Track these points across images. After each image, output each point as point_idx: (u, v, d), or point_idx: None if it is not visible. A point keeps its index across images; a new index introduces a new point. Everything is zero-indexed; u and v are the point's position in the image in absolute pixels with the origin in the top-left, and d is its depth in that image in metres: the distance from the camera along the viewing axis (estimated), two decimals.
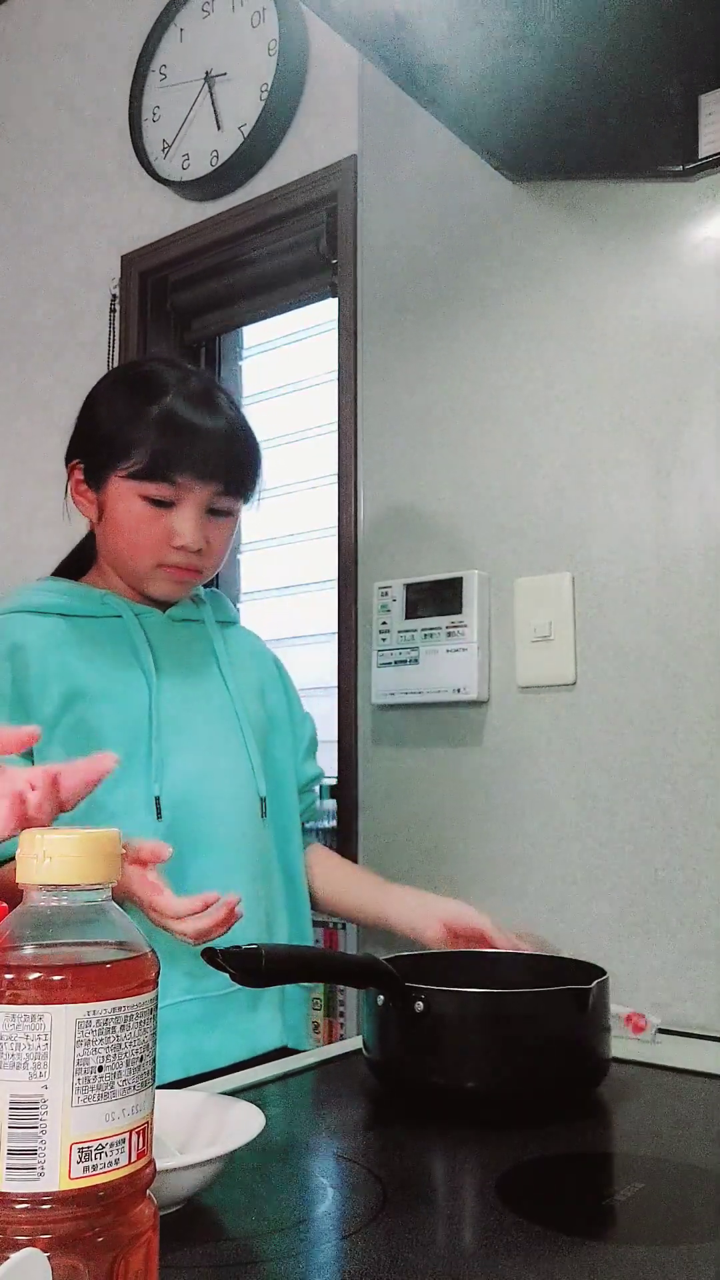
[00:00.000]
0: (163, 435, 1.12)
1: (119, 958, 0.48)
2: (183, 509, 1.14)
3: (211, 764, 1.16)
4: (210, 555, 1.18)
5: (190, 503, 1.14)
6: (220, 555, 1.21)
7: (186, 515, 1.14)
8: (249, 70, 1.78)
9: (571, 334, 1.37)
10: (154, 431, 1.12)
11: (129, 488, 1.14)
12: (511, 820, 1.37)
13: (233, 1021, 1.12)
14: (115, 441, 1.14)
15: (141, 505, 1.14)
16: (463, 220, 1.49)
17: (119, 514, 1.15)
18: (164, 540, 1.15)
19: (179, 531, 1.14)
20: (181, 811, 1.12)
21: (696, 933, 1.22)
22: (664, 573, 1.28)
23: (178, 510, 1.14)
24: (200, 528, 1.15)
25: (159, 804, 1.10)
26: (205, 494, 1.15)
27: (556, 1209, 0.69)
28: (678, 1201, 0.71)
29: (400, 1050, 0.91)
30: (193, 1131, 0.74)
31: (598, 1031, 0.93)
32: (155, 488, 1.13)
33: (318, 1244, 0.64)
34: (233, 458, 1.16)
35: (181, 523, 1.14)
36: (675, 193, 1.30)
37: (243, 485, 1.18)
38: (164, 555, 1.16)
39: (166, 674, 1.17)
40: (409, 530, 1.50)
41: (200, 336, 1.96)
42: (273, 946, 0.84)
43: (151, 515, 1.14)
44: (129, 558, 1.17)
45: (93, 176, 2.08)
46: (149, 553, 1.16)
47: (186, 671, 1.19)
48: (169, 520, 1.14)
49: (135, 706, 1.13)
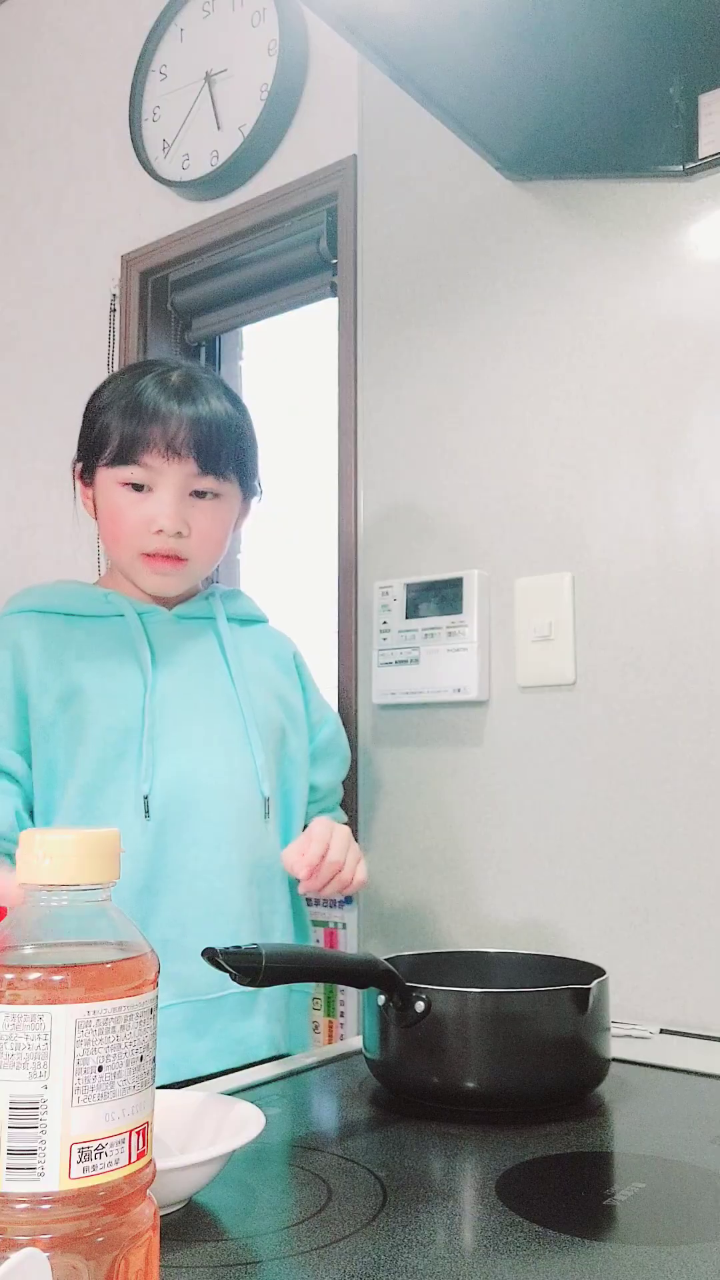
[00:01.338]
0: (128, 419, 1.14)
1: (119, 958, 0.48)
2: (159, 493, 1.14)
3: (207, 763, 1.15)
4: (197, 540, 1.17)
5: (165, 485, 1.14)
6: (211, 540, 1.19)
7: (162, 498, 1.14)
8: (249, 70, 1.78)
9: (571, 333, 1.37)
10: (122, 417, 1.14)
11: (109, 477, 1.16)
12: (511, 820, 1.37)
13: (223, 1028, 1.11)
14: (96, 434, 1.17)
15: (121, 492, 1.15)
16: (463, 220, 1.49)
17: (105, 505, 1.17)
18: (143, 527, 1.15)
19: (155, 515, 1.14)
20: (172, 810, 1.11)
21: (696, 933, 1.22)
22: (664, 573, 1.28)
23: (155, 495, 1.15)
24: (177, 510, 1.14)
25: (148, 803, 1.10)
26: (180, 475, 1.14)
27: (556, 1209, 0.69)
28: (678, 1201, 0.71)
29: (400, 1050, 0.91)
30: (193, 1131, 0.74)
31: (598, 1031, 0.93)
32: (128, 471, 1.14)
33: (318, 1244, 0.64)
34: (203, 436, 1.15)
35: (157, 505, 1.14)
36: (675, 193, 1.30)
37: (218, 463, 1.16)
38: (144, 542, 1.15)
39: (166, 672, 1.16)
40: (409, 530, 1.50)
41: (200, 336, 1.96)
42: (273, 946, 0.84)
43: (130, 501, 1.15)
44: (114, 548, 1.18)
45: (93, 176, 2.08)
46: (130, 540, 1.16)
47: (189, 670, 1.19)
48: (147, 506, 1.15)
49: (129, 705, 1.12)
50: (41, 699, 1.10)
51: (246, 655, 1.25)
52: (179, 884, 1.10)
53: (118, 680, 1.13)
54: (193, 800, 1.13)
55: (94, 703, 1.11)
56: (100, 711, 1.11)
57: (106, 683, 1.13)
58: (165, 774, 1.12)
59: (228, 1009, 1.11)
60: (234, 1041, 1.11)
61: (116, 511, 1.16)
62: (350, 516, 1.58)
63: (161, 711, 1.14)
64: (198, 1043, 1.08)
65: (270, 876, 1.18)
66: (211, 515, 1.18)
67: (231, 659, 1.22)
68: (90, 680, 1.12)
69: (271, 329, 1.91)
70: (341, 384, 1.61)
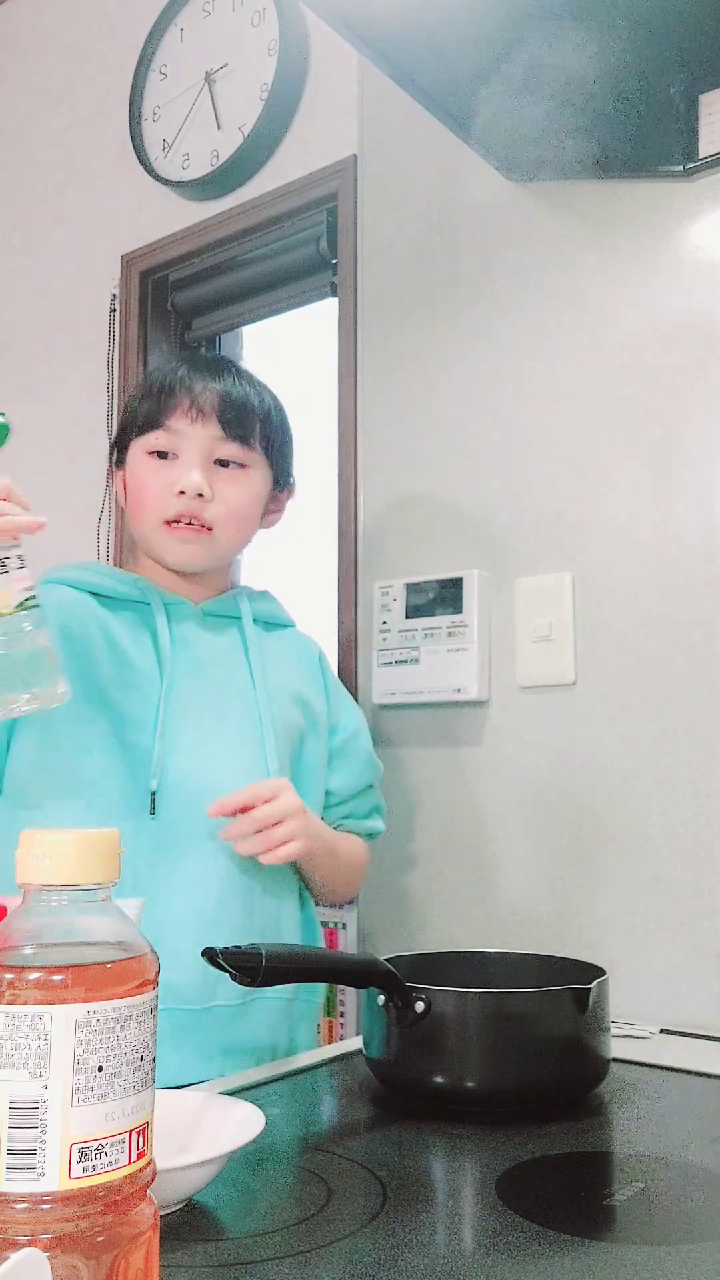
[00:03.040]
0: (156, 388, 1.18)
1: (119, 957, 0.48)
2: (183, 457, 1.17)
3: (218, 764, 1.12)
4: (222, 509, 1.17)
5: (190, 449, 1.17)
6: (236, 511, 1.18)
7: (186, 461, 1.17)
8: (249, 70, 1.78)
9: (571, 333, 1.37)
10: (147, 388, 1.20)
11: (138, 448, 1.19)
12: (511, 820, 1.37)
13: (209, 1037, 1.07)
14: (128, 414, 1.22)
15: (146, 461, 1.18)
16: (463, 220, 1.49)
17: (131, 475, 1.20)
18: (165, 491, 1.16)
19: (178, 478, 1.16)
20: (178, 809, 1.09)
21: (696, 933, 1.22)
22: (664, 573, 1.28)
23: (179, 459, 1.17)
24: (202, 473, 1.16)
25: (154, 800, 1.08)
26: (204, 440, 1.17)
27: (556, 1209, 0.69)
28: (678, 1201, 0.71)
29: (400, 1050, 0.91)
30: (193, 1131, 0.74)
31: (598, 1031, 0.93)
32: (154, 437, 1.17)
33: (318, 1244, 0.64)
34: (228, 401, 1.17)
35: (181, 468, 1.16)
36: (675, 193, 1.30)
37: (244, 430, 1.18)
38: (166, 506, 1.16)
39: (185, 669, 1.15)
40: (409, 530, 1.50)
41: (200, 336, 1.96)
42: (273, 946, 0.84)
43: (155, 469, 1.17)
44: (139, 518, 1.19)
45: (93, 176, 2.08)
46: (153, 508, 1.17)
47: (209, 667, 1.17)
48: (171, 472, 1.17)
49: (144, 699, 1.11)
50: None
51: (270, 658, 1.22)
52: (181, 881, 1.08)
53: (135, 669, 1.12)
54: (199, 800, 1.09)
55: (109, 690, 1.10)
56: (114, 700, 1.10)
57: (123, 671, 1.11)
58: (174, 772, 1.09)
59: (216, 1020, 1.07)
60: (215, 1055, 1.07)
61: (141, 481, 1.18)
62: (350, 516, 1.58)
63: (176, 706, 1.12)
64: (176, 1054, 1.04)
65: (280, 887, 1.15)
66: (237, 484, 1.19)
67: (254, 660, 1.20)
68: (107, 662, 1.11)
69: (271, 329, 1.91)
70: (341, 384, 1.61)
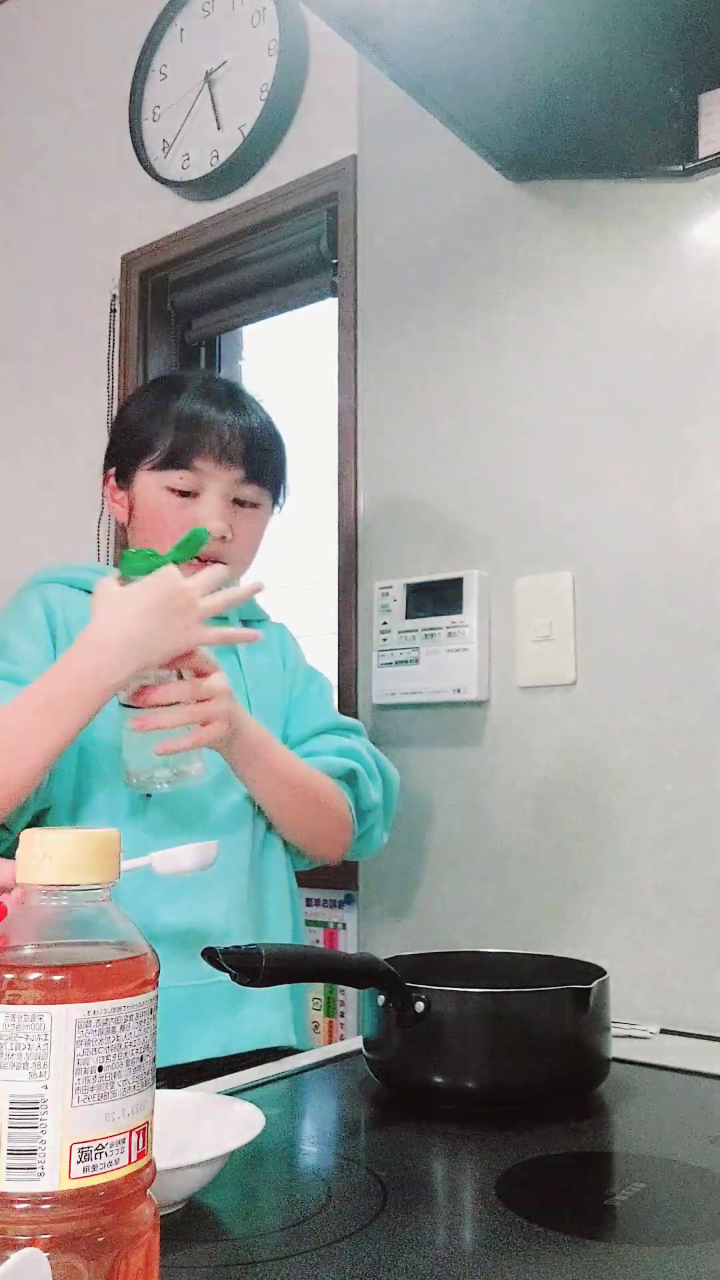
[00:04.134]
0: (182, 425, 1.16)
1: (119, 957, 0.48)
2: (206, 496, 1.16)
3: (213, 758, 1.14)
4: (238, 547, 1.19)
5: (213, 490, 1.16)
6: (249, 549, 1.21)
7: (209, 501, 1.16)
8: (249, 70, 1.78)
9: (572, 333, 1.37)
10: (173, 422, 1.16)
11: (154, 480, 1.17)
12: (511, 820, 1.37)
13: (211, 1015, 1.10)
14: (139, 437, 1.18)
15: (166, 496, 1.17)
16: (463, 220, 1.48)
17: (146, 507, 1.18)
18: (188, 529, 1.15)
19: (203, 518, 1.15)
20: (171, 800, 1.11)
21: (696, 933, 1.22)
22: (664, 572, 1.28)
23: (201, 499, 1.16)
24: (224, 515, 1.16)
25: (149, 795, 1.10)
26: (227, 481, 1.17)
27: (556, 1209, 0.69)
28: (678, 1201, 0.71)
29: (401, 1050, 0.91)
30: (193, 1131, 0.74)
31: (598, 1031, 0.93)
32: (177, 476, 1.16)
33: (318, 1244, 0.64)
34: (252, 444, 1.18)
35: (205, 509, 1.16)
36: (675, 193, 1.30)
37: (265, 473, 1.20)
38: None
39: None
40: (409, 530, 1.50)
41: (200, 336, 1.96)
42: (273, 946, 0.84)
43: (176, 505, 1.16)
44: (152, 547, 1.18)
45: (93, 176, 2.08)
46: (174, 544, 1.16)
47: None
48: (193, 509, 1.16)
49: None
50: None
51: (258, 657, 1.26)
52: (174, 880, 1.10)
53: None
54: (193, 796, 1.13)
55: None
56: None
57: None
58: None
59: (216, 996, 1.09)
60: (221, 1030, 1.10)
61: (161, 512, 1.17)
62: (350, 517, 1.58)
63: None
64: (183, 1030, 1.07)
65: (265, 878, 1.18)
66: (251, 523, 1.21)
67: (245, 660, 1.23)
68: None
69: (271, 329, 1.91)
70: (341, 384, 1.61)
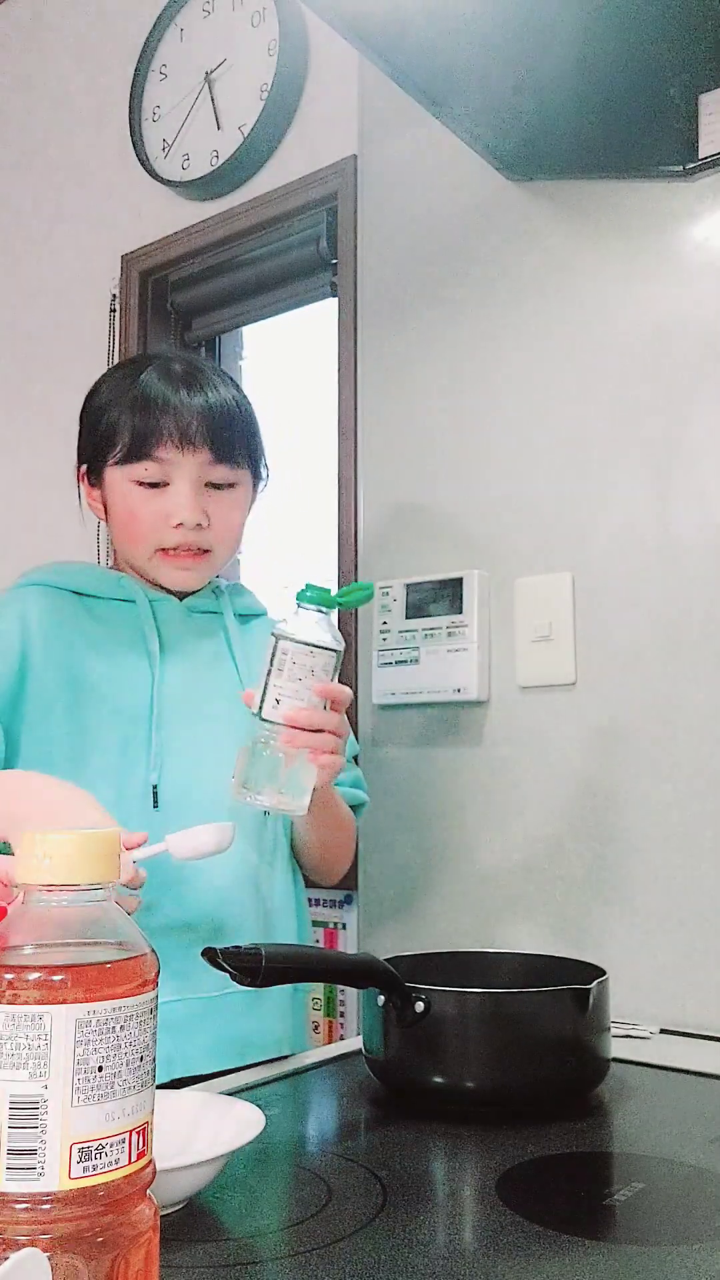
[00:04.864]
0: (137, 414, 1.12)
1: (119, 958, 0.48)
2: (175, 485, 1.13)
3: (213, 757, 1.13)
4: (218, 531, 1.16)
5: (181, 478, 1.13)
6: (230, 530, 1.18)
7: (179, 490, 1.13)
8: (249, 70, 1.78)
9: (571, 334, 1.37)
10: (129, 413, 1.12)
11: (121, 475, 1.14)
12: (511, 820, 1.37)
13: (222, 1027, 1.09)
14: (102, 433, 1.14)
15: (134, 490, 1.13)
16: (463, 220, 1.48)
17: (116, 503, 1.15)
18: (161, 522, 1.13)
19: (173, 509, 1.12)
20: (179, 802, 1.10)
21: (696, 933, 1.22)
22: (664, 573, 1.28)
23: (171, 488, 1.13)
24: (196, 502, 1.13)
25: (156, 793, 1.09)
26: (195, 466, 1.13)
27: (556, 1209, 0.69)
28: (678, 1201, 0.71)
29: (400, 1050, 0.91)
30: (193, 1131, 0.74)
31: (598, 1031, 0.93)
32: (142, 468, 1.12)
33: (318, 1244, 0.64)
34: (214, 423, 1.13)
35: (175, 499, 1.12)
36: (675, 193, 1.30)
37: (233, 451, 1.15)
38: (162, 537, 1.14)
39: (173, 663, 1.15)
40: (409, 530, 1.50)
41: (200, 336, 1.96)
42: (273, 946, 0.84)
43: (144, 498, 1.13)
44: (130, 546, 1.16)
45: (93, 176, 2.08)
46: (147, 538, 1.14)
47: (196, 662, 1.18)
48: (163, 501, 1.13)
49: (136, 694, 1.12)
50: (45, 673, 1.09)
51: (253, 652, 1.24)
52: (185, 875, 1.09)
53: (125, 666, 1.12)
54: (199, 793, 1.11)
55: (100, 686, 1.10)
56: (107, 696, 1.10)
57: (113, 668, 1.12)
58: (173, 765, 1.11)
59: (230, 1007, 1.10)
60: (235, 1041, 1.10)
61: (131, 511, 1.14)
62: (350, 517, 1.58)
63: (168, 702, 1.13)
64: (197, 1041, 1.07)
65: (272, 874, 1.18)
66: (229, 504, 1.17)
67: (238, 655, 1.21)
68: (96, 663, 1.11)
69: (271, 329, 1.91)
70: (341, 384, 1.62)
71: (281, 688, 0.99)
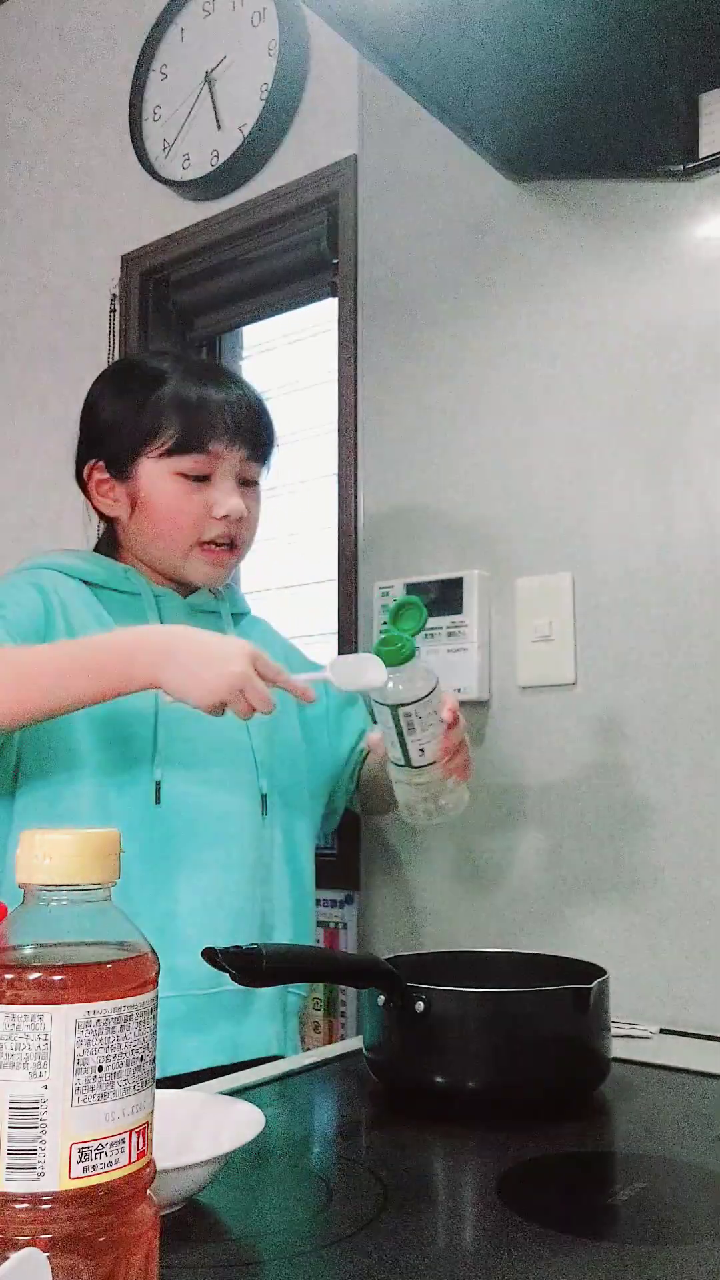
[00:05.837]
0: (187, 408, 1.14)
1: (119, 958, 0.48)
2: (219, 479, 1.16)
3: (214, 757, 1.14)
4: (247, 527, 1.19)
5: (225, 473, 1.16)
6: (255, 528, 1.21)
7: (224, 485, 1.16)
8: (249, 70, 1.78)
9: (571, 333, 1.37)
10: (177, 407, 1.14)
11: (162, 467, 1.15)
12: (512, 820, 1.37)
13: (217, 1024, 1.10)
14: (137, 426, 1.15)
15: (178, 482, 1.15)
16: (463, 220, 1.48)
17: (155, 496, 1.15)
18: (204, 514, 1.15)
19: (219, 502, 1.15)
20: (180, 799, 1.11)
21: (696, 933, 1.22)
22: (664, 573, 1.28)
23: (214, 482, 1.15)
24: (238, 495, 1.16)
25: (159, 789, 1.10)
26: (236, 462, 1.16)
27: (557, 1209, 0.69)
28: (678, 1201, 0.71)
29: (401, 1050, 0.91)
30: (193, 1131, 0.74)
31: (598, 1031, 0.93)
32: (191, 461, 1.14)
33: (318, 1244, 0.64)
34: (256, 421, 1.18)
35: (221, 493, 1.15)
36: (675, 193, 1.30)
37: (267, 450, 1.20)
38: (204, 530, 1.16)
39: None
40: (409, 530, 1.50)
41: (200, 336, 1.96)
42: (273, 946, 0.84)
43: (188, 490, 1.15)
44: (170, 540, 1.17)
45: (93, 176, 2.08)
46: (189, 530, 1.16)
47: None
48: (206, 494, 1.15)
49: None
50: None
51: None
52: (181, 875, 1.09)
53: None
54: (200, 791, 1.12)
55: None
56: None
57: None
58: (175, 763, 1.11)
59: (223, 1005, 1.10)
60: (227, 1039, 1.10)
61: (174, 501, 1.15)
62: (350, 516, 1.58)
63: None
64: (190, 1038, 1.07)
65: (269, 874, 1.18)
66: (256, 502, 1.21)
67: None
68: None
69: (271, 329, 1.91)
70: (341, 384, 1.61)
71: (419, 738, 1.07)
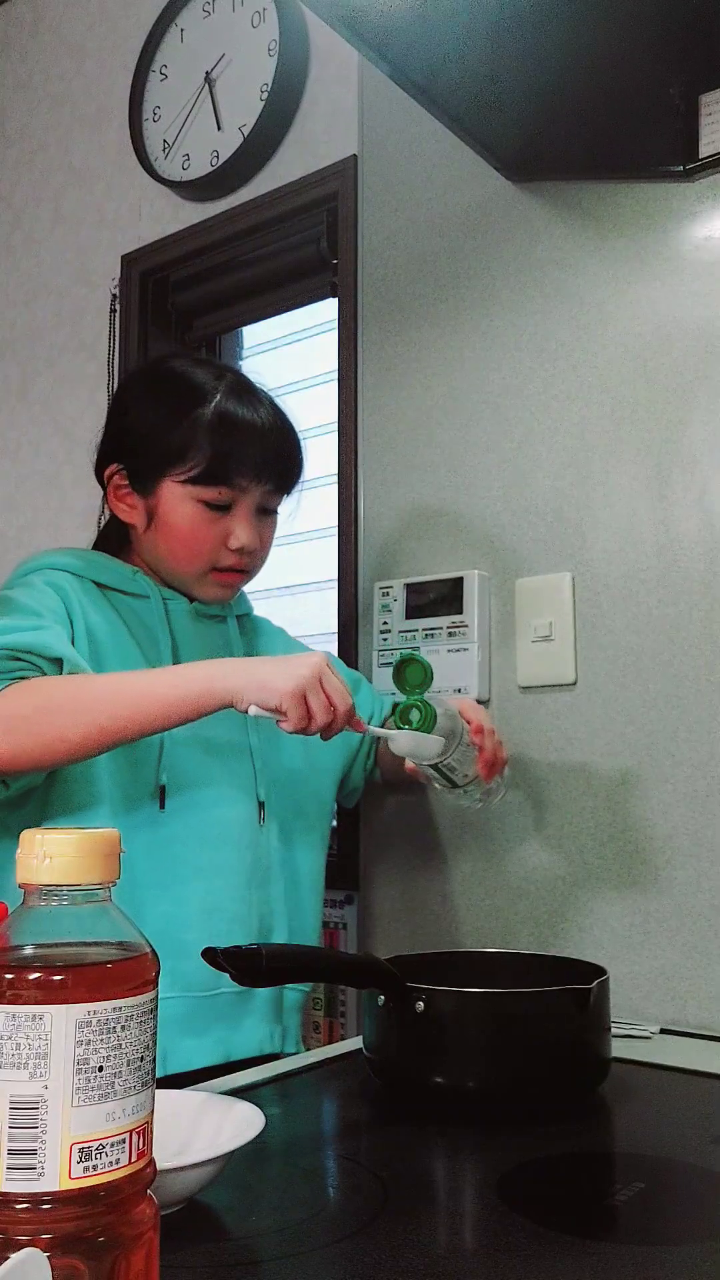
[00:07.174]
0: (219, 437, 1.13)
1: (119, 958, 0.48)
2: (239, 511, 1.16)
3: (216, 763, 1.15)
4: (259, 554, 1.20)
5: (246, 505, 1.16)
6: (267, 554, 1.22)
7: (242, 518, 1.16)
8: (249, 70, 1.78)
9: (571, 333, 1.37)
10: (209, 434, 1.13)
11: (185, 492, 1.14)
12: (511, 820, 1.37)
13: (214, 1024, 1.10)
14: (166, 445, 1.14)
15: (198, 509, 1.14)
16: (463, 220, 1.49)
17: (174, 519, 1.15)
18: (220, 543, 1.16)
19: (236, 534, 1.15)
20: (183, 804, 1.11)
21: (696, 933, 1.22)
22: (664, 573, 1.28)
23: (234, 513, 1.16)
24: (256, 527, 1.17)
25: (164, 793, 1.10)
26: (259, 495, 1.16)
27: (557, 1209, 0.69)
28: (678, 1201, 0.71)
29: (401, 1050, 0.91)
30: (193, 1131, 0.74)
31: (598, 1031, 0.93)
32: (215, 492, 1.14)
33: (318, 1244, 0.64)
34: (285, 456, 1.18)
35: (238, 525, 1.16)
36: (675, 193, 1.30)
37: (292, 484, 1.20)
38: (218, 558, 1.17)
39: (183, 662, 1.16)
40: (409, 530, 1.50)
41: (200, 336, 1.96)
42: (273, 946, 0.84)
43: (208, 519, 1.15)
44: (185, 562, 1.17)
45: (93, 176, 2.08)
46: (205, 557, 1.16)
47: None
48: (225, 523, 1.15)
49: None
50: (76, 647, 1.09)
51: (252, 653, 1.26)
52: (182, 879, 1.10)
53: (137, 662, 1.13)
54: (203, 796, 1.13)
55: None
56: None
57: (126, 663, 1.12)
58: (178, 767, 1.11)
59: (222, 1006, 1.11)
60: (223, 1038, 1.11)
61: (193, 527, 1.15)
62: (350, 516, 1.58)
63: None
64: (187, 1036, 1.08)
65: (266, 880, 1.18)
66: (271, 530, 1.22)
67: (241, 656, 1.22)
68: (112, 654, 1.11)
69: (271, 329, 1.91)
70: (341, 384, 1.61)
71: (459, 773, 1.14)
